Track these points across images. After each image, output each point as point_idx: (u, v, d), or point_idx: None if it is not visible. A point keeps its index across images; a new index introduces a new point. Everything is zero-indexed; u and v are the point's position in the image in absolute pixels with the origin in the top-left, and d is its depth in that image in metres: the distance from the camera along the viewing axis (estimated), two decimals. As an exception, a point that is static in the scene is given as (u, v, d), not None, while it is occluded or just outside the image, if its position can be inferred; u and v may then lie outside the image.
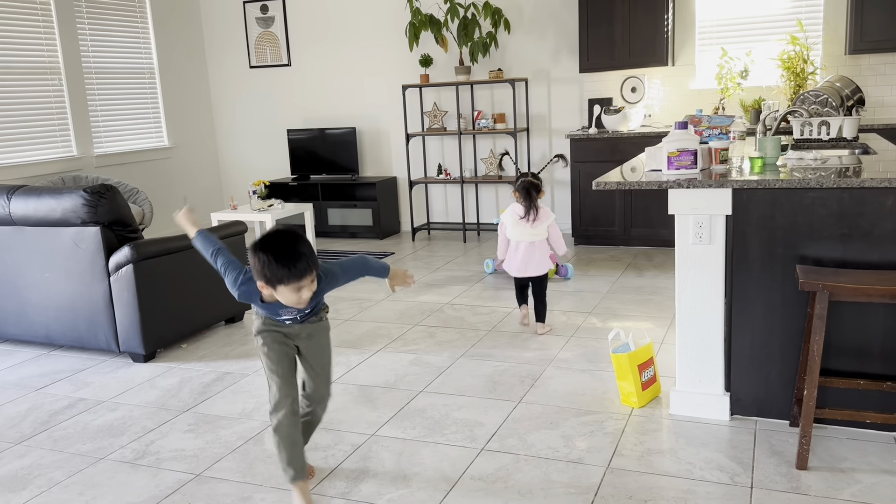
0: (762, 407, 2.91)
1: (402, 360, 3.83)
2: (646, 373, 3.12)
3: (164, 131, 7.50)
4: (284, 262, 2.18)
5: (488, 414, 3.13)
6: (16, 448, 3.04)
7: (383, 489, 2.57)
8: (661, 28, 5.96)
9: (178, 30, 7.62)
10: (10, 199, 4.00)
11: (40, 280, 4.07)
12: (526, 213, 4.05)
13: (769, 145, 3.18)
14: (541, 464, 2.68)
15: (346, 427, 3.07)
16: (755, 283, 2.83)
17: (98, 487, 2.69)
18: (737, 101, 6.10)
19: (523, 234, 4.06)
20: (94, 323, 3.99)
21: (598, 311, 4.46)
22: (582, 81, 6.61)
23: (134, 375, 3.81)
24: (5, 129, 6.01)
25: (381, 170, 7.53)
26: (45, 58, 6.32)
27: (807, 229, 2.73)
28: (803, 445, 2.54)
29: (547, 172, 6.86)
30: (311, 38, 7.51)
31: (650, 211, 6.02)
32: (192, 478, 2.72)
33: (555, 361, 3.69)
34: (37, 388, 3.70)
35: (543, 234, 4.08)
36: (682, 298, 2.93)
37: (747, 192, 2.77)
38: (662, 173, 2.99)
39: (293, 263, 2.18)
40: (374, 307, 4.80)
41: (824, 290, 2.47)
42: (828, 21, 5.79)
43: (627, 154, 5.97)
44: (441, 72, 7.06)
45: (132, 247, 3.85)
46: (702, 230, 2.84)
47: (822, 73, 5.83)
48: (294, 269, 2.18)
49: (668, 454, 2.70)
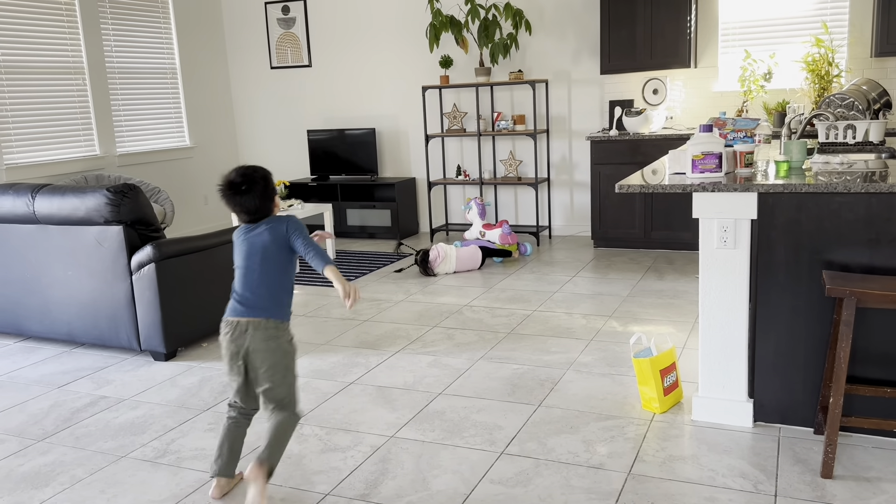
0: (786, 414, 2.88)
1: (420, 361, 3.82)
2: (668, 378, 3.09)
3: (185, 131, 7.56)
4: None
5: (507, 417, 3.11)
6: (39, 445, 3.07)
7: (402, 492, 2.56)
8: (683, 29, 5.91)
9: (201, 30, 7.67)
10: (35, 198, 4.04)
11: (63, 278, 4.11)
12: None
13: (795, 149, 3.15)
14: (561, 469, 2.67)
15: (366, 428, 3.07)
16: (780, 289, 2.79)
17: (119, 485, 2.71)
18: (760, 103, 6.04)
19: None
20: (115, 321, 4.02)
21: (619, 315, 4.43)
22: (603, 83, 6.57)
23: (155, 374, 3.83)
24: (30, 127, 6.08)
25: (400, 171, 7.53)
26: (69, 58, 6.39)
27: (833, 234, 2.69)
28: (828, 454, 2.51)
29: (567, 174, 6.83)
30: (331, 39, 7.53)
31: (671, 214, 5.97)
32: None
33: (575, 365, 3.66)
34: (59, 386, 3.73)
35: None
36: (705, 303, 2.90)
37: (773, 196, 2.74)
38: (686, 176, 2.96)
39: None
40: (393, 308, 4.80)
41: (852, 297, 2.43)
42: (853, 23, 5.72)
43: (649, 156, 5.93)
44: (461, 73, 7.06)
45: (154, 246, 3.87)
46: (726, 234, 2.81)
47: (847, 75, 5.75)
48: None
49: (690, 461, 2.68)
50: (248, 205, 2.51)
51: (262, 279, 2.52)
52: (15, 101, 5.97)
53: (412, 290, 5.21)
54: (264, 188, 2.53)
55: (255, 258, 2.53)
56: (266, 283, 2.52)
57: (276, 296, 2.53)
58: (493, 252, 5.87)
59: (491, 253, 5.87)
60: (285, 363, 2.50)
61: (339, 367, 3.80)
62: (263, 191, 2.52)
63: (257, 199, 2.50)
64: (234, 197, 2.50)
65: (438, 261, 5.58)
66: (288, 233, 2.52)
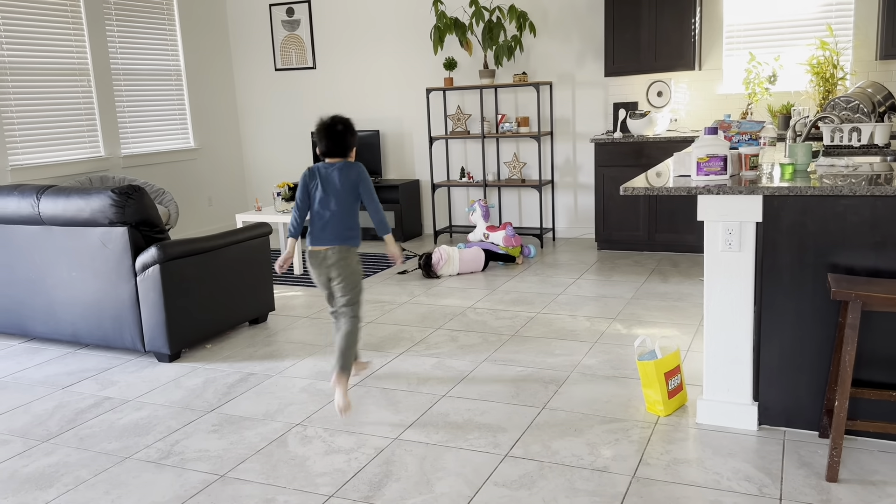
0: (790, 417, 2.87)
1: (424, 363, 3.82)
2: (672, 381, 3.08)
3: (189, 133, 7.57)
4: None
5: (512, 420, 3.11)
6: (43, 446, 3.07)
7: (406, 494, 2.56)
8: (688, 32, 5.91)
9: (205, 32, 7.69)
10: (40, 199, 4.05)
11: (68, 279, 4.12)
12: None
13: (800, 151, 3.14)
14: (565, 471, 2.66)
15: (369, 430, 3.07)
16: (785, 292, 2.79)
17: (124, 486, 2.71)
18: (764, 106, 6.03)
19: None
20: (120, 322, 4.02)
21: (623, 318, 4.43)
22: (607, 85, 6.57)
23: (159, 375, 3.84)
24: (35, 129, 6.10)
25: (403, 172, 7.53)
26: (74, 59, 6.41)
27: (838, 237, 2.68)
28: (834, 457, 2.50)
29: (570, 176, 6.83)
30: (336, 41, 7.54)
31: (675, 216, 5.96)
32: (216, 479, 2.73)
33: (579, 367, 3.66)
34: (63, 387, 3.74)
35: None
36: (710, 306, 2.89)
37: (778, 199, 2.73)
38: (691, 179, 2.95)
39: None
40: (397, 310, 4.80)
41: (857, 300, 2.43)
42: (858, 26, 5.71)
43: (653, 158, 5.93)
44: (465, 75, 7.06)
45: (159, 247, 3.88)
46: (731, 237, 2.80)
47: (852, 78, 5.74)
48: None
49: (694, 464, 2.67)
50: (339, 141, 3.19)
51: (334, 213, 3.20)
52: (20, 102, 5.98)
53: (416, 292, 5.21)
54: (352, 133, 3.24)
55: (330, 194, 3.20)
56: (337, 216, 3.20)
57: (346, 225, 3.22)
58: (497, 256, 5.87)
59: (495, 257, 5.86)
60: (354, 278, 3.27)
61: (342, 368, 3.80)
62: (352, 134, 3.23)
63: (346, 139, 3.21)
64: (330, 134, 3.19)
65: (441, 263, 5.58)
66: (358, 178, 3.22)
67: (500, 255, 5.87)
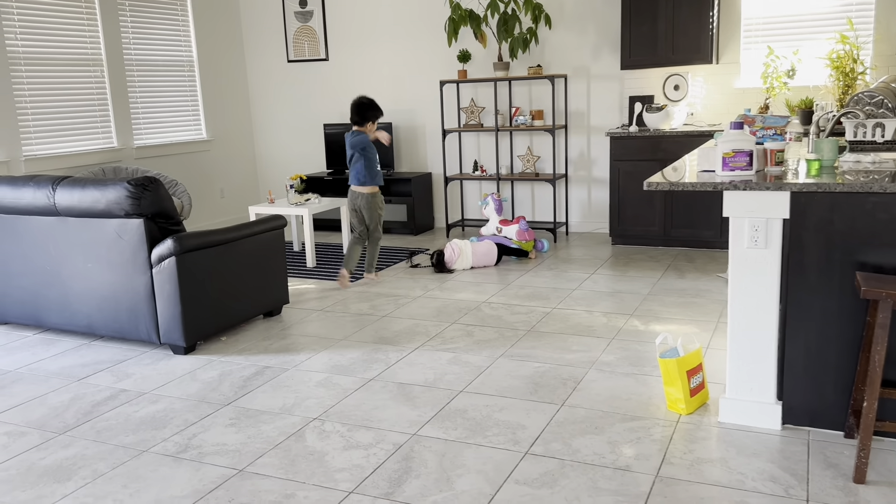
0: (815, 417, 2.83)
1: (440, 358, 3.79)
2: (694, 379, 3.04)
3: (202, 124, 7.55)
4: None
5: (531, 416, 3.08)
6: (60, 438, 3.06)
7: (427, 491, 2.54)
8: (705, 25, 5.84)
9: (218, 23, 7.66)
10: (56, 190, 4.04)
11: (83, 270, 4.10)
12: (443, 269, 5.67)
13: (826, 147, 3.09)
14: (587, 470, 2.63)
15: (387, 426, 3.04)
16: (811, 289, 2.74)
17: (142, 480, 2.69)
18: (782, 100, 5.96)
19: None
20: (135, 314, 4.01)
21: (640, 314, 4.39)
22: (623, 78, 6.51)
23: (174, 367, 3.82)
24: (49, 119, 6.08)
25: (416, 165, 7.50)
26: (87, 50, 6.38)
27: (867, 235, 2.64)
28: (861, 459, 2.46)
29: (585, 170, 6.78)
30: (349, 32, 7.49)
31: (692, 211, 5.91)
32: (234, 473, 2.71)
33: (597, 364, 3.63)
34: (79, 378, 3.73)
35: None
36: (734, 303, 2.85)
37: (806, 195, 2.69)
38: (716, 174, 2.91)
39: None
40: (411, 304, 4.77)
41: (888, 299, 2.38)
42: (879, 20, 5.64)
43: (669, 153, 5.87)
44: (479, 67, 7.01)
45: (175, 239, 3.86)
46: (757, 234, 2.76)
47: (873, 73, 5.67)
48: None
49: (718, 463, 2.64)
50: (355, 112, 5.03)
51: (355, 165, 5.08)
52: (34, 92, 5.97)
53: (429, 286, 5.18)
54: (367, 108, 5.02)
55: (351, 151, 5.06)
56: (357, 167, 5.08)
57: (358, 172, 5.09)
58: (510, 251, 5.84)
59: (507, 252, 5.83)
60: (376, 212, 5.16)
61: (358, 363, 3.78)
62: (368, 109, 5.03)
63: (361, 112, 5.02)
64: (352, 107, 5.04)
65: (455, 258, 5.55)
66: (357, 143, 5.03)
67: (512, 250, 5.83)
